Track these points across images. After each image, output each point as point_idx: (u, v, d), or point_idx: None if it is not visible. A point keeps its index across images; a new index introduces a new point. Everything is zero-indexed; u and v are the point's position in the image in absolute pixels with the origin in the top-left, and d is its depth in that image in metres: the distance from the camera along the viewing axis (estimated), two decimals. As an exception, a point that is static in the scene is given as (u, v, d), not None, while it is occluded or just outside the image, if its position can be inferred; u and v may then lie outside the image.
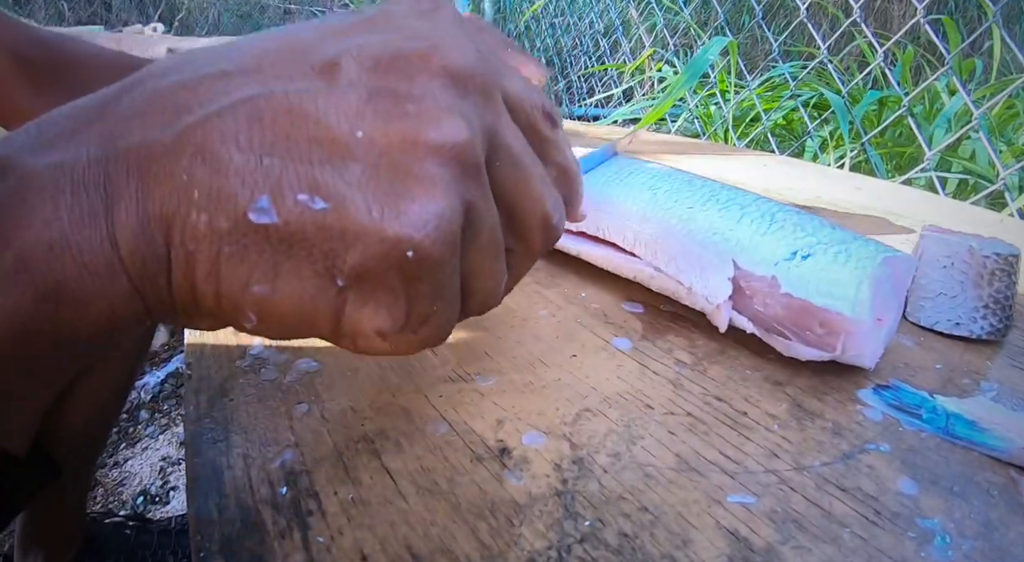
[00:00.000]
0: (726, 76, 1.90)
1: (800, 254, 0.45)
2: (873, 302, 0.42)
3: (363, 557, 0.30)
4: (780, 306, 0.44)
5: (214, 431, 0.38)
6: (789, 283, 0.44)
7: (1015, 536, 0.32)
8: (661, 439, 0.38)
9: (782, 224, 0.47)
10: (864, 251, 0.44)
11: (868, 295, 0.42)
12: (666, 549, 0.31)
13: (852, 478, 0.35)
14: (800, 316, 0.44)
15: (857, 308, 0.42)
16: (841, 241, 0.46)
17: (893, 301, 0.45)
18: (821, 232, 0.46)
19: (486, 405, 0.41)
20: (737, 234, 0.48)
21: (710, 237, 0.48)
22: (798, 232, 0.47)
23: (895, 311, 0.45)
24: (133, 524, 1.17)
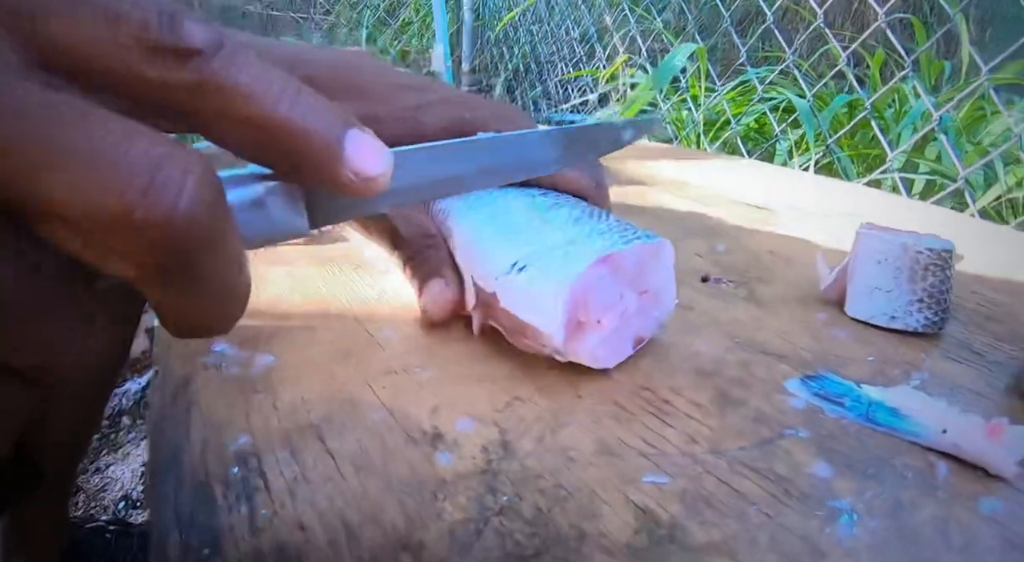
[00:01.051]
0: (697, 81, 1.92)
1: (517, 266, 0.45)
2: (569, 312, 0.42)
3: (301, 527, 0.32)
4: (502, 318, 0.45)
5: (175, 419, 0.41)
6: (505, 298, 0.45)
7: (925, 516, 0.34)
8: (585, 425, 0.40)
9: (521, 230, 0.48)
10: (578, 255, 0.43)
11: (562, 308, 0.42)
12: (575, 521, 0.33)
13: (766, 461, 0.37)
14: (517, 328, 0.45)
15: (551, 321, 0.42)
16: (566, 243, 0.45)
17: (628, 292, 0.45)
18: (552, 235, 0.46)
19: (424, 395, 0.43)
20: (480, 245, 0.48)
21: (460, 251, 0.50)
22: (526, 237, 0.46)
23: (635, 301, 0.46)
24: (113, 529, 1.18)
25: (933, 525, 0.33)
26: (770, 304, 0.57)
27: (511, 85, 3.20)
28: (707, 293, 0.59)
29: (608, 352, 0.45)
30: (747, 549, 0.32)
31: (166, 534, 0.32)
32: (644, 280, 0.47)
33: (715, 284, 0.61)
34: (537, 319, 0.43)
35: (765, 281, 0.62)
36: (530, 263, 0.44)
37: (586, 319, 0.44)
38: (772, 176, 1.06)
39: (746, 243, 0.72)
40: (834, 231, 0.77)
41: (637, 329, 0.47)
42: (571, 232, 0.46)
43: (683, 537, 0.32)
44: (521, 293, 0.44)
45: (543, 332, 0.43)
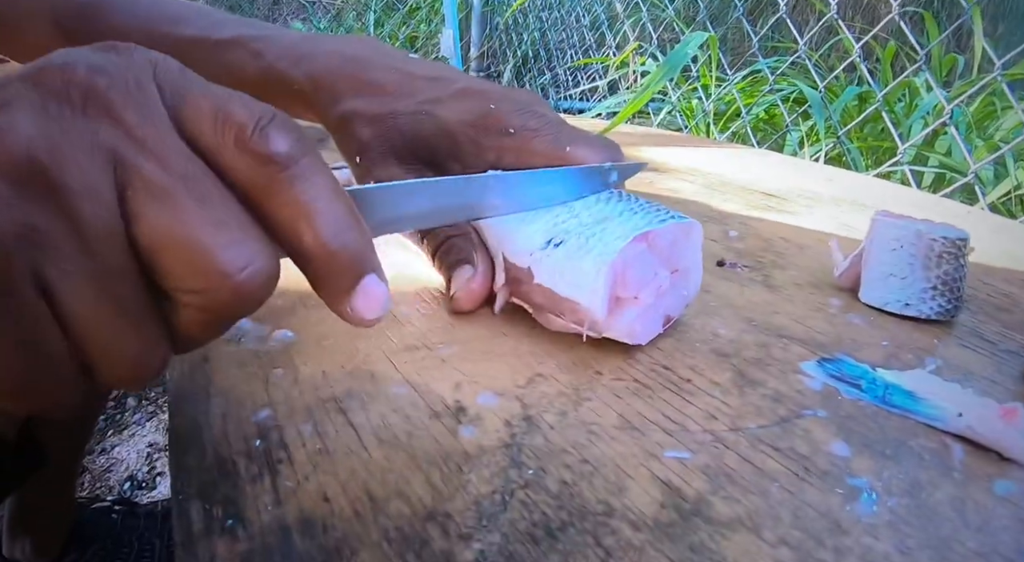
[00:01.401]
0: (708, 70, 1.92)
1: (553, 242, 0.45)
2: (610, 287, 0.43)
3: (326, 499, 0.32)
4: (536, 294, 0.46)
5: (195, 393, 0.41)
6: (540, 274, 0.45)
7: (942, 496, 0.34)
8: (607, 401, 0.41)
9: (553, 207, 0.47)
10: (615, 232, 0.44)
11: (603, 283, 0.42)
12: (602, 495, 0.33)
13: (786, 440, 0.38)
14: (553, 304, 0.45)
15: (593, 297, 0.43)
16: (601, 221, 0.45)
17: (662, 270, 0.46)
18: (585, 214, 0.46)
19: (446, 370, 0.43)
20: (506, 223, 0.48)
21: (490, 230, 0.50)
22: (561, 217, 0.46)
23: (668, 279, 0.46)
24: (120, 509, 1.19)
25: (950, 505, 0.34)
26: (785, 289, 0.57)
27: (520, 71, 3.20)
28: (723, 277, 0.59)
29: (643, 327, 0.46)
30: (771, 524, 0.32)
31: (189, 505, 0.32)
32: (676, 259, 0.47)
33: (731, 268, 0.61)
34: (577, 294, 0.43)
35: (779, 266, 0.62)
36: (567, 239, 0.45)
37: (624, 295, 0.44)
38: (783, 165, 1.06)
39: (759, 229, 0.72)
40: (846, 220, 0.77)
41: (668, 307, 0.48)
42: (604, 210, 0.46)
43: (708, 511, 0.32)
44: (559, 268, 0.44)
45: (583, 307, 0.43)
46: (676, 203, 0.81)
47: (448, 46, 3.15)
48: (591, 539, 0.31)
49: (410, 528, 0.31)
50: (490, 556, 0.30)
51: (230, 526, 0.31)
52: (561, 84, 2.93)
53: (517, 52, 3.17)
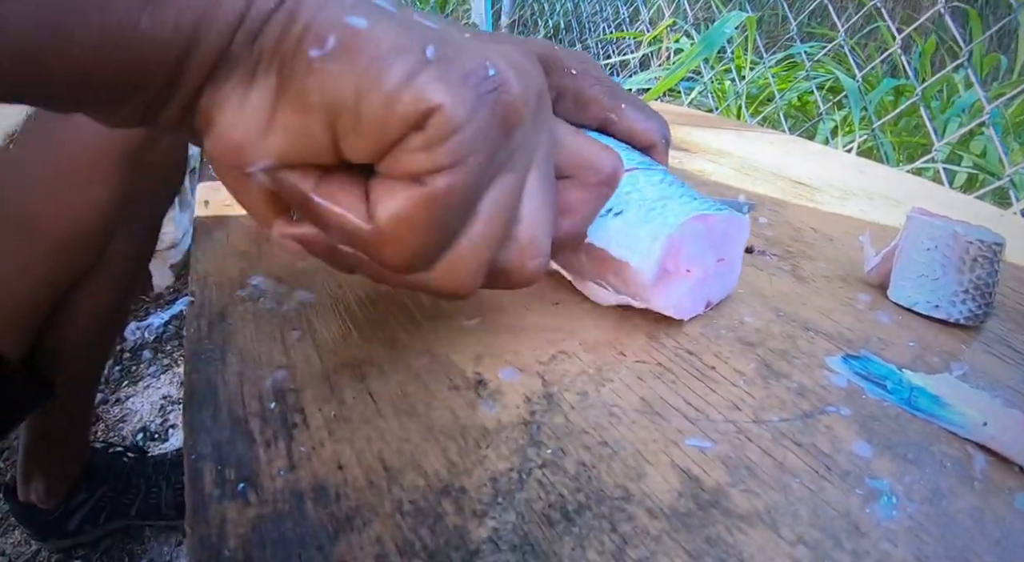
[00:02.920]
0: (743, 52, 1.89)
1: (613, 211, 0.45)
2: (663, 256, 0.43)
3: (340, 466, 0.32)
4: (584, 255, 0.46)
5: (211, 351, 0.41)
6: (598, 236, 0.45)
7: (962, 506, 0.34)
8: (629, 383, 0.40)
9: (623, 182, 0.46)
10: (675, 209, 0.44)
11: (659, 250, 0.43)
12: (620, 480, 0.33)
13: (809, 435, 0.37)
14: (598, 266, 0.45)
15: (645, 260, 0.43)
16: (662, 198, 0.45)
17: (711, 255, 0.46)
18: (648, 189, 0.46)
19: (468, 341, 0.43)
20: None
21: None
22: (624, 187, 0.46)
23: (714, 265, 0.47)
24: (132, 456, 1.21)
25: (970, 515, 0.33)
26: (813, 281, 0.56)
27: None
28: (752, 264, 0.58)
29: (688, 303, 0.46)
30: (789, 521, 0.31)
31: (201, 466, 0.32)
32: (724, 249, 0.47)
33: (760, 256, 0.60)
34: (629, 255, 0.43)
35: (809, 257, 0.61)
36: (626, 210, 0.45)
37: (675, 269, 0.44)
38: (814, 153, 1.05)
39: (788, 217, 0.71)
40: (877, 214, 0.76)
41: (710, 292, 0.48)
42: (665, 190, 0.46)
43: (726, 504, 0.32)
44: (616, 232, 0.44)
45: (633, 268, 0.43)
46: (705, 185, 0.80)
47: (479, 12, 3.12)
48: (607, 524, 0.30)
49: (424, 501, 0.31)
50: (504, 535, 0.29)
51: (242, 490, 0.31)
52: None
53: (548, 22, 3.13)
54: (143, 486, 1.17)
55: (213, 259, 0.51)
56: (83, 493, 1.12)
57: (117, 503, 1.14)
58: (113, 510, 1.14)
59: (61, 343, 0.80)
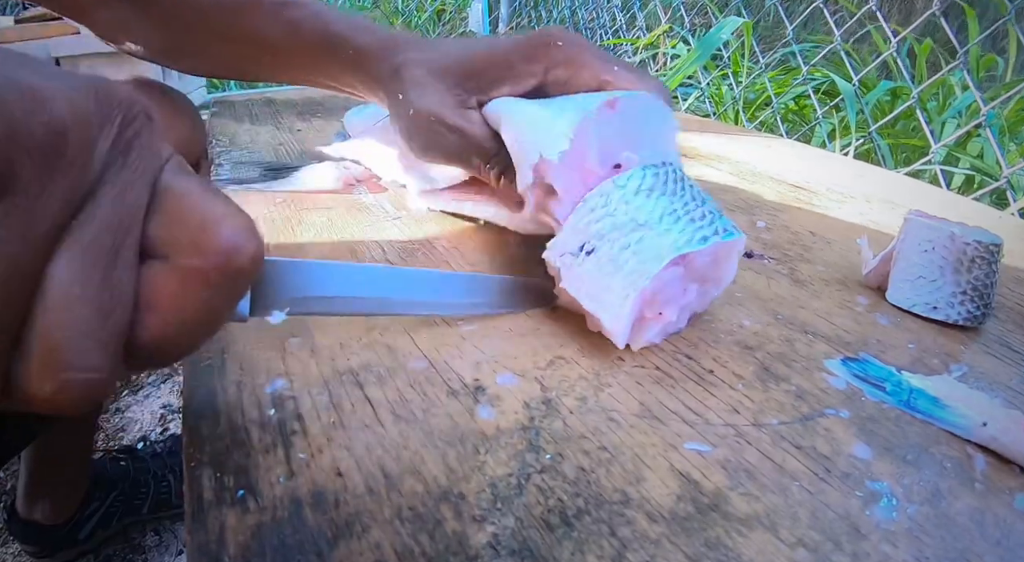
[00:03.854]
0: (740, 57, 1.90)
1: (585, 249, 0.43)
2: (635, 311, 0.42)
3: (339, 473, 0.32)
4: (562, 293, 0.45)
5: (211, 359, 0.41)
6: (568, 280, 0.44)
7: (962, 507, 0.34)
8: (628, 388, 0.40)
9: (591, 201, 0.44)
10: (653, 248, 0.41)
11: (629, 308, 0.41)
12: (619, 484, 0.33)
13: (808, 438, 0.37)
14: (578, 307, 0.44)
15: (615, 322, 0.42)
16: (638, 227, 0.42)
17: (692, 287, 0.45)
18: (623, 209, 0.43)
19: (466, 347, 0.43)
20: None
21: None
22: (596, 212, 0.44)
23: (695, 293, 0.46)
24: (125, 457, 1.21)
25: (970, 516, 0.33)
26: (811, 284, 0.56)
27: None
28: (750, 268, 0.58)
29: (659, 338, 0.45)
30: (789, 524, 0.31)
31: (200, 472, 0.32)
32: (711, 272, 0.46)
33: (758, 259, 0.60)
34: (601, 312, 0.42)
35: (807, 260, 0.61)
36: (599, 246, 0.43)
37: (649, 314, 0.43)
38: (812, 157, 1.05)
39: (786, 221, 0.71)
40: (875, 217, 0.76)
41: (692, 308, 0.47)
42: (644, 207, 0.43)
43: (726, 507, 0.32)
44: (586, 280, 0.43)
45: (606, 327, 0.42)
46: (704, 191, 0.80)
47: (477, 20, 3.13)
48: (606, 529, 0.30)
49: (423, 507, 0.31)
50: (503, 540, 0.29)
51: (241, 497, 0.31)
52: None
53: (546, 29, 3.14)
54: (152, 484, 1.17)
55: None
56: (95, 502, 1.12)
57: (129, 505, 1.15)
58: (126, 511, 1.15)
59: None
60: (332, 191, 0.68)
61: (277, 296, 0.34)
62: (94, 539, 1.13)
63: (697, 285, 0.46)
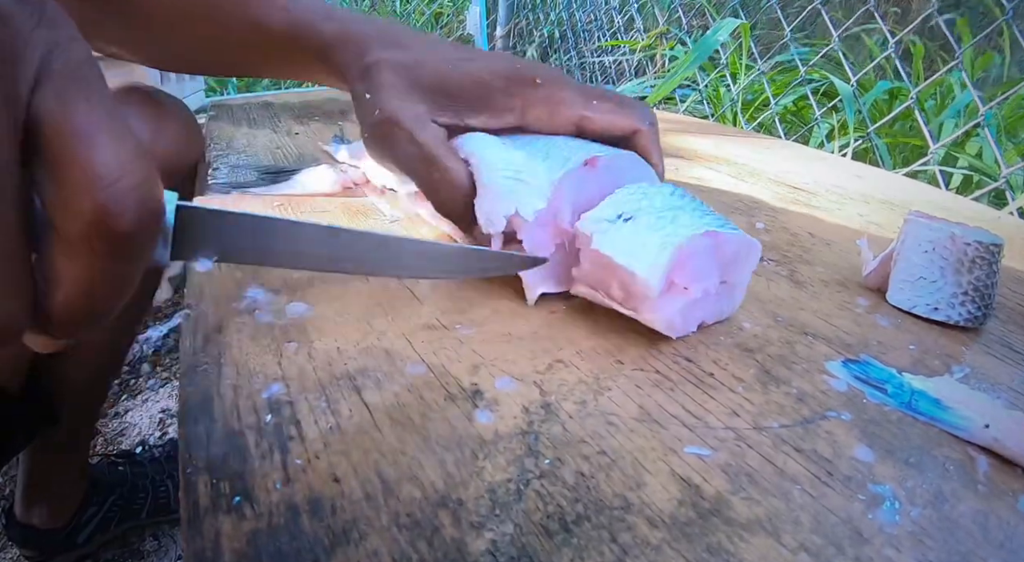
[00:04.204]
0: (737, 58, 1.90)
1: (623, 217, 0.44)
2: (670, 267, 0.42)
3: (336, 479, 0.32)
4: (589, 261, 0.45)
5: (207, 364, 0.40)
6: (603, 242, 0.44)
7: (965, 509, 0.33)
8: (627, 391, 0.40)
9: (630, 188, 0.47)
10: (687, 222, 0.44)
11: (666, 260, 0.42)
12: (619, 489, 0.32)
13: (809, 441, 0.37)
14: (603, 273, 0.44)
15: (651, 270, 0.42)
16: (673, 209, 0.45)
17: (715, 274, 0.45)
18: (658, 199, 0.46)
19: (464, 351, 0.43)
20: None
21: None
22: (634, 195, 0.46)
23: (715, 286, 0.46)
24: (123, 461, 1.21)
25: (973, 519, 0.33)
26: (811, 285, 0.56)
27: (546, 52, 3.17)
28: (748, 270, 0.58)
29: (681, 321, 0.45)
30: (791, 528, 0.31)
31: (196, 479, 0.32)
32: (730, 271, 0.47)
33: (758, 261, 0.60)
34: (636, 264, 0.42)
35: (806, 262, 0.61)
36: (636, 216, 0.44)
37: (678, 281, 0.43)
38: (811, 158, 1.04)
39: (785, 223, 0.71)
40: (874, 218, 0.76)
41: (705, 313, 0.47)
42: (676, 202, 0.46)
43: (727, 512, 0.32)
44: (623, 239, 0.43)
45: (639, 277, 0.42)
46: (703, 192, 0.80)
47: (474, 23, 3.13)
48: (607, 535, 0.30)
49: (421, 514, 0.30)
50: (502, 547, 0.29)
51: (237, 503, 0.30)
52: (587, 66, 2.90)
53: (544, 32, 3.14)
54: (150, 488, 1.17)
55: (209, 272, 0.51)
56: (92, 507, 1.12)
57: (127, 510, 1.15)
58: (124, 516, 1.15)
59: (67, 375, 0.79)
60: (330, 194, 0.68)
61: (205, 243, 0.31)
62: (92, 543, 1.13)
63: (718, 277, 0.46)
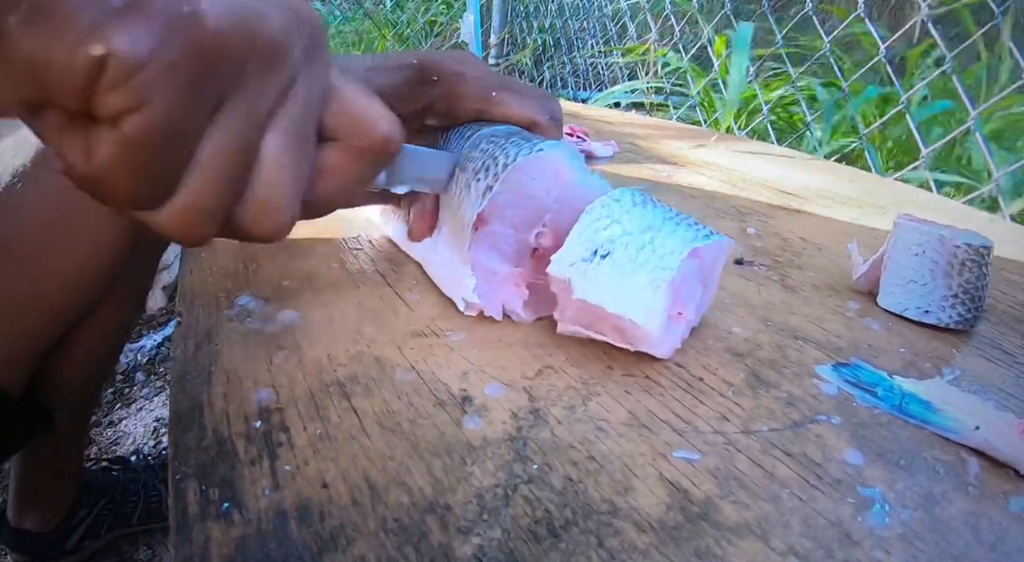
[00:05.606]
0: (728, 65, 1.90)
1: (600, 253, 0.42)
2: (668, 307, 0.41)
3: (324, 485, 0.32)
4: (574, 310, 0.43)
5: (198, 371, 0.40)
6: (584, 288, 0.41)
7: (956, 511, 0.33)
8: (616, 397, 0.40)
9: (594, 213, 0.44)
10: (668, 245, 0.41)
11: (662, 302, 0.40)
12: (607, 494, 0.32)
13: (799, 445, 0.37)
14: (593, 318, 0.42)
15: (650, 315, 0.40)
16: (646, 229, 0.42)
17: (699, 288, 0.45)
18: (626, 219, 0.43)
19: (454, 358, 0.43)
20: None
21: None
22: (602, 222, 0.43)
23: (699, 295, 0.46)
24: (117, 467, 1.21)
25: (964, 521, 0.33)
26: (802, 290, 0.56)
27: (539, 59, 3.17)
28: (740, 275, 0.58)
29: (679, 343, 0.45)
30: (780, 532, 0.31)
31: (185, 485, 0.32)
32: (710, 275, 0.46)
33: (748, 266, 0.60)
34: (631, 311, 0.40)
35: (797, 266, 0.61)
36: (613, 250, 0.41)
37: (673, 311, 0.43)
38: (802, 163, 1.05)
39: (777, 227, 0.71)
40: (865, 222, 0.76)
41: (693, 320, 0.47)
42: (645, 217, 0.43)
43: (716, 516, 0.32)
44: (608, 283, 0.41)
45: (640, 325, 0.40)
46: (695, 198, 0.80)
47: (468, 31, 3.13)
48: (594, 539, 0.30)
49: (409, 519, 0.30)
50: (489, 552, 0.29)
51: (226, 510, 0.30)
52: (581, 73, 2.90)
53: (537, 40, 3.14)
54: (142, 492, 1.17)
55: (200, 279, 0.51)
56: (83, 510, 1.11)
57: (118, 513, 1.14)
58: (114, 521, 1.14)
59: (63, 372, 0.79)
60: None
61: (401, 174, 0.43)
62: (84, 549, 1.12)
63: (702, 288, 0.46)
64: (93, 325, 0.78)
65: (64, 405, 0.82)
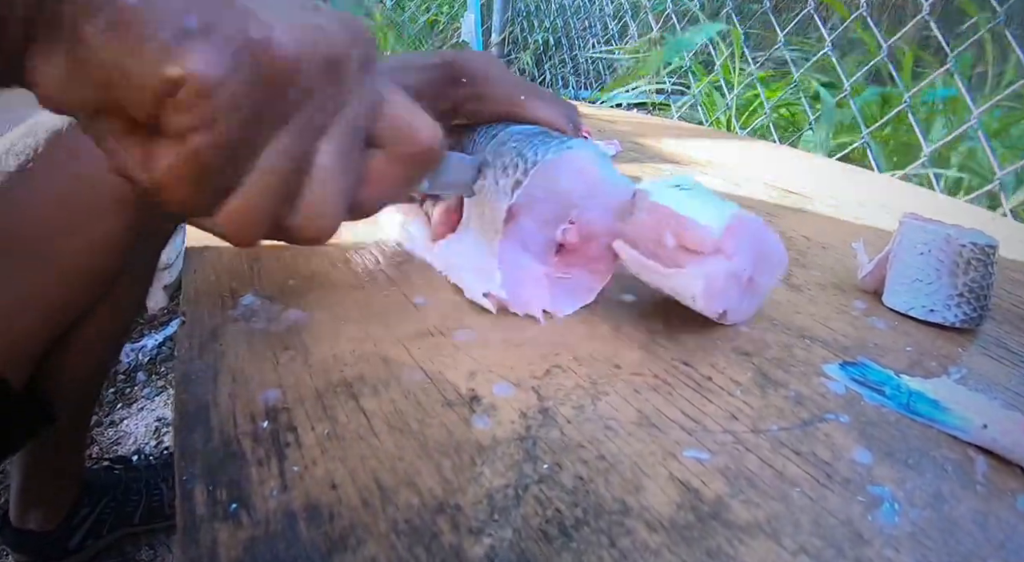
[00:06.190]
0: (730, 64, 1.90)
1: (681, 187, 0.46)
2: (727, 226, 0.43)
3: (333, 486, 0.32)
4: (646, 211, 0.45)
5: (203, 371, 0.40)
6: (661, 196, 0.45)
7: (964, 510, 0.33)
8: (625, 396, 0.40)
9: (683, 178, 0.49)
10: (735, 206, 0.45)
11: (727, 217, 0.43)
12: (618, 494, 0.32)
13: (808, 444, 0.37)
14: (657, 224, 0.44)
15: (713, 220, 0.43)
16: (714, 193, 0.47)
17: (750, 262, 0.46)
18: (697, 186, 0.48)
19: (461, 357, 0.42)
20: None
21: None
22: (687, 180, 0.48)
23: (746, 276, 0.46)
24: (119, 467, 1.21)
25: (972, 519, 0.33)
26: (807, 289, 0.56)
27: (540, 59, 3.17)
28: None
29: (719, 285, 0.45)
30: (790, 531, 0.31)
31: (192, 487, 0.31)
32: (760, 270, 0.47)
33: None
34: (698, 215, 0.43)
35: (802, 265, 0.61)
36: (694, 188, 0.46)
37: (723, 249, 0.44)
38: (805, 162, 1.05)
39: (781, 226, 0.71)
40: (869, 220, 0.76)
41: (730, 300, 0.47)
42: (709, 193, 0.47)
43: (726, 515, 0.31)
44: (683, 201, 0.44)
45: (701, 223, 0.43)
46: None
47: (469, 31, 3.13)
48: (606, 539, 0.30)
49: (419, 520, 0.30)
50: (501, 552, 0.29)
51: (234, 511, 0.30)
52: (582, 73, 2.90)
53: (539, 39, 3.14)
54: (144, 492, 1.17)
55: (204, 279, 0.51)
56: (84, 509, 1.11)
57: (120, 512, 1.14)
58: (116, 520, 1.14)
59: (64, 370, 0.79)
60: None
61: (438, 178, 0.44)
62: (86, 549, 1.12)
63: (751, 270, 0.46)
64: (93, 324, 0.78)
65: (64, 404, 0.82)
